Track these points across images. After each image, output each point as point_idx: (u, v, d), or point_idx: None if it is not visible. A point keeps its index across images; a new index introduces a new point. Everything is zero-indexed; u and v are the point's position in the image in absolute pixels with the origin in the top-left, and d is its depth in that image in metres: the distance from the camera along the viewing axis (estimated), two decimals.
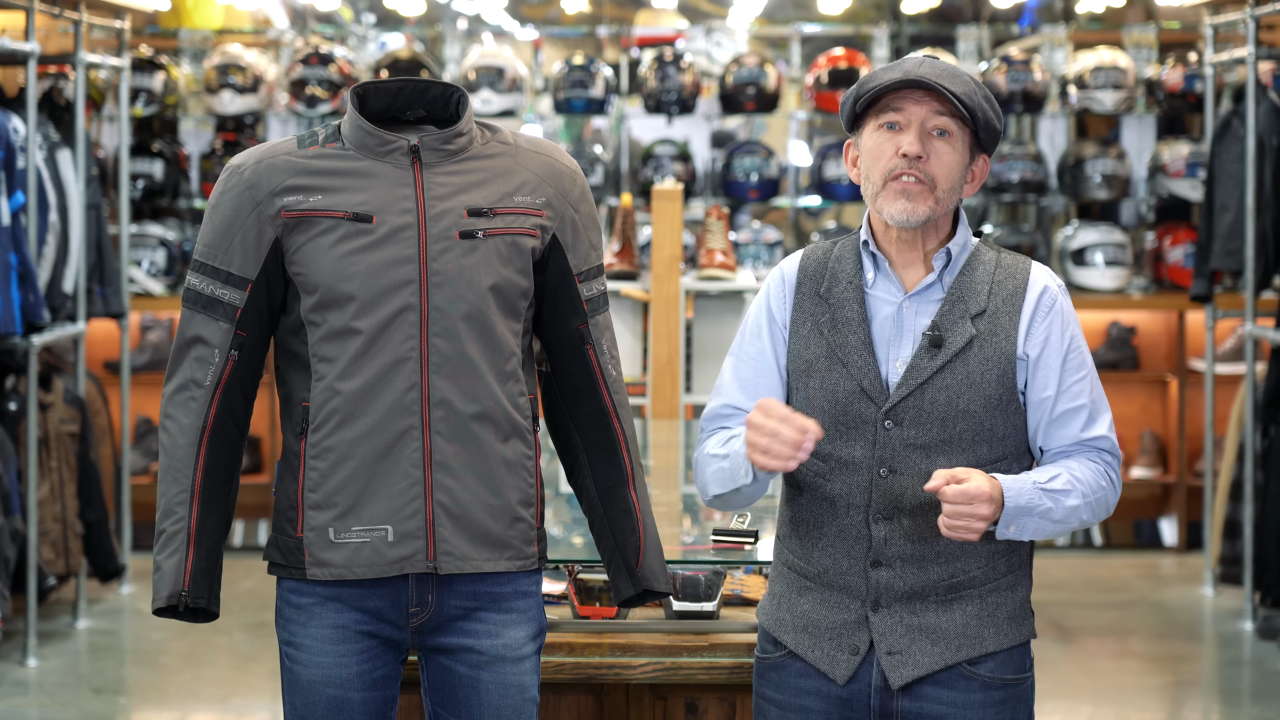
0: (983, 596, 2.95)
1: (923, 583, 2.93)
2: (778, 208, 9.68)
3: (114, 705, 6.31)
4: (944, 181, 2.92)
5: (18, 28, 7.66)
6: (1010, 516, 2.86)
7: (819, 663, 2.96)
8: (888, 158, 2.92)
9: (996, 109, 2.96)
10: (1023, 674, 2.98)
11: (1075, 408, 2.94)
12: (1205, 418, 8.18)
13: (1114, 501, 2.98)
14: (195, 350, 2.98)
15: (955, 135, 2.92)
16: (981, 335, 2.92)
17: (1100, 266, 9.01)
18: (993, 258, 2.98)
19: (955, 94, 2.89)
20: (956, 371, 2.91)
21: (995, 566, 2.95)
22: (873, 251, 2.97)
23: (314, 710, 2.99)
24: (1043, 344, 2.93)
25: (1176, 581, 8.28)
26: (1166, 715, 6.38)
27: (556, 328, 3.08)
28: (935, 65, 2.92)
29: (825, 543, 2.97)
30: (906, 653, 2.93)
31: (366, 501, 2.95)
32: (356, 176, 2.97)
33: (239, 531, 8.96)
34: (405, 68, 9.24)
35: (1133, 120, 9.54)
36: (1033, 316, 2.94)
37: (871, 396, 2.93)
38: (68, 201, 7.17)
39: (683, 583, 3.52)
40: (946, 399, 2.90)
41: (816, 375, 2.96)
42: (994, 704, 2.94)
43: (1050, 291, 2.96)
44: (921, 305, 2.96)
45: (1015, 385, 2.93)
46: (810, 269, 3.03)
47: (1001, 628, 2.95)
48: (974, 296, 2.94)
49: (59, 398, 7.21)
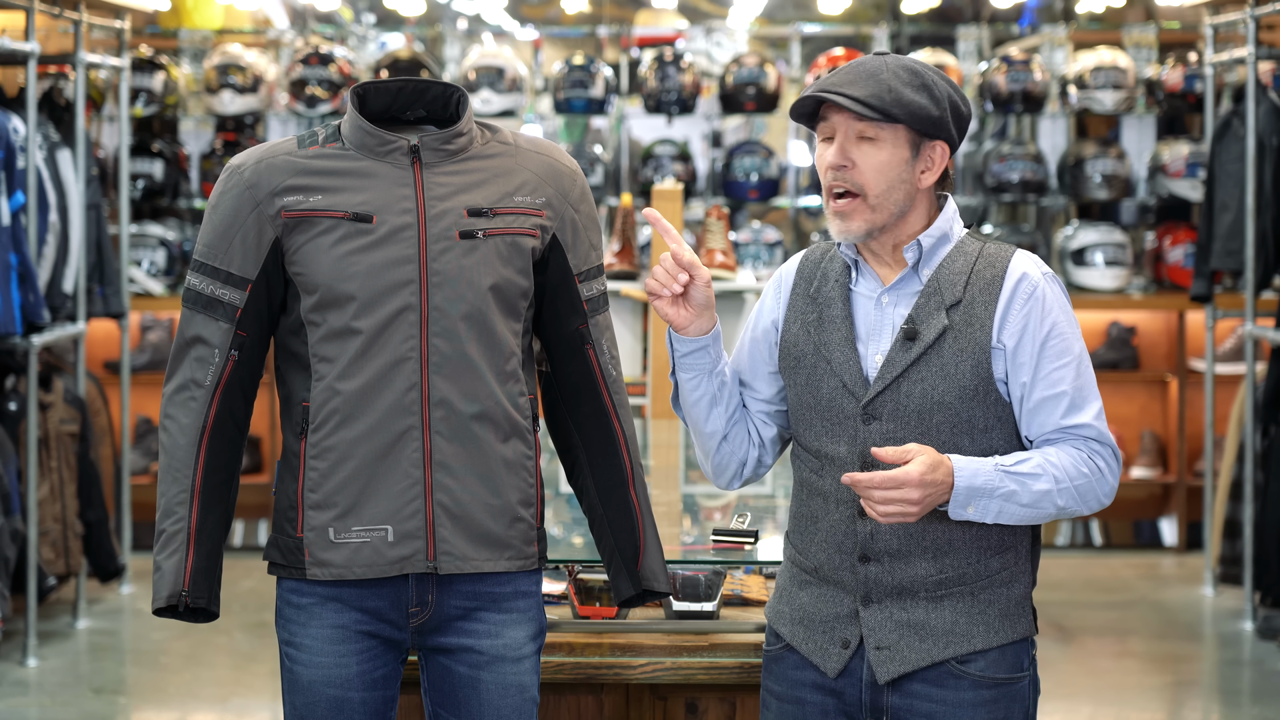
0: (974, 593, 2.93)
1: (911, 578, 2.92)
2: (778, 208, 9.68)
3: (114, 705, 6.31)
4: (875, 185, 2.91)
5: (18, 28, 7.66)
6: (964, 497, 2.83)
7: (811, 655, 2.97)
8: (823, 171, 2.95)
9: (935, 93, 2.91)
10: (1018, 673, 2.96)
11: (1054, 395, 2.90)
12: (1205, 418, 8.17)
13: (1105, 491, 2.92)
14: (195, 350, 2.98)
15: (883, 136, 2.90)
16: (955, 326, 2.91)
17: (1100, 266, 9.01)
18: (976, 248, 2.96)
19: (859, 99, 2.87)
20: (931, 363, 2.90)
21: (987, 563, 2.94)
22: (849, 255, 2.98)
23: (314, 710, 2.99)
24: (1020, 332, 2.90)
25: (1176, 581, 8.28)
26: (1166, 715, 6.38)
27: (556, 328, 3.08)
28: (853, 70, 2.91)
29: (820, 538, 2.98)
30: (894, 648, 2.92)
31: (366, 501, 2.95)
32: (356, 176, 2.97)
33: (239, 531, 8.96)
34: (405, 68, 9.24)
35: (1133, 120, 9.54)
36: (1009, 304, 2.91)
37: (852, 391, 2.93)
38: (68, 201, 7.17)
39: (683, 583, 3.53)
40: (922, 391, 2.90)
41: (804, 372, 2.99)
42: (985, 703, 2.92)
43: (1029, 278, 2.92)
44: (899, 298, 2.96)
45: (991, 375, 2.90)
46: (806, 271, 3.06)
47: (992, 625, 2.94)
48: (950, 287, 2.92)
49: (59, 398, 7.21)
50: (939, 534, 2.91)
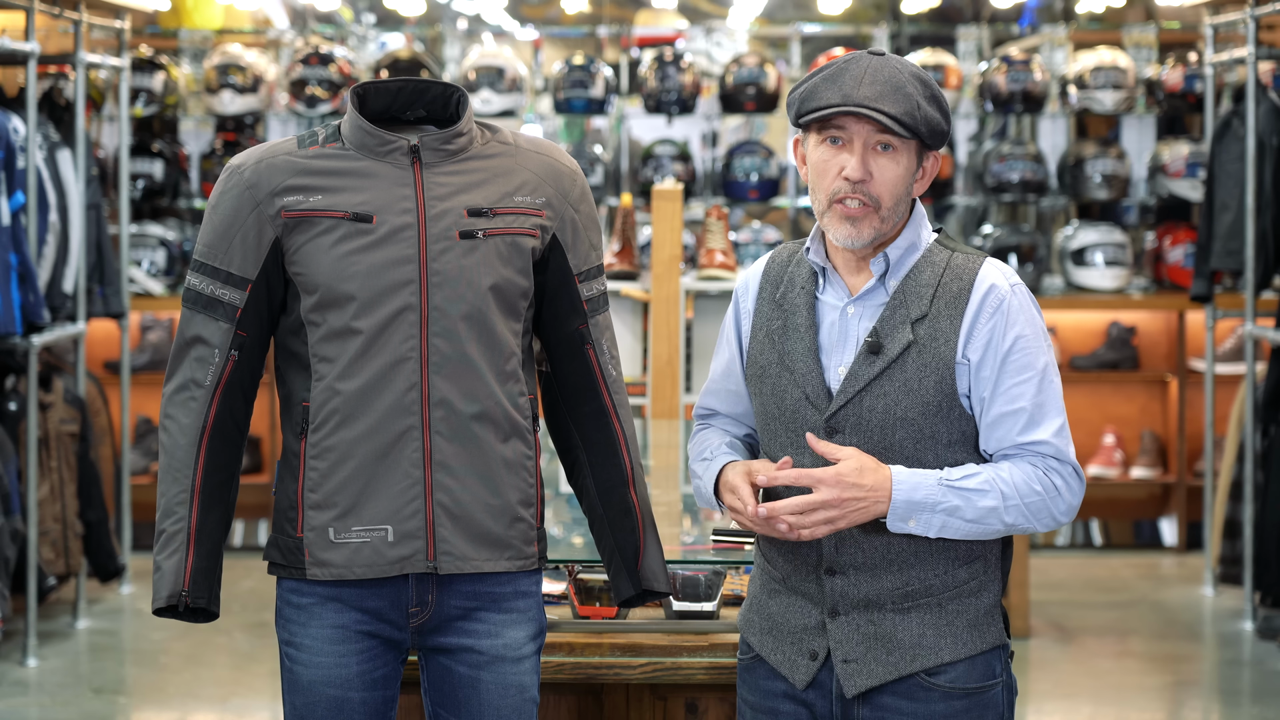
0: (941, 605, 2.89)
1: (877, 590, 2.89)
2: (778, 208, 9.68)
3: (114, 705, 6.31)
4: (889, 199, 2.87)
5: (18, 28, 7.66)
6: (904, 510, 2.80)
7: (780, 666, 2.95)
8: (831, 177, 2.88)
9: (943, 105, 2.89)
10: (989, 681, 2.91)
11: (1011, 411, 2.84)
12: (1205, 418, 8.18)
13: (1061, 509, 2.86)
14: (195, 350, 2.98)
15: (899, 148, 2.87)
16: (920, 341, 2.86)
17: (1100, 266, 9.01)
18: (944, 258, 2.91)
19: (895, 116, 2.83)
20: (894, 378, 2.86)
21: (955, 574, 2.90)
22: (818, 262, 2.94)
23: (314, 710, 2.99)
24: (984, 346, 2.86)
25: (1176, 581, 8.28)
26: (1166, 715, 6.38)
27: (556, 328, 3.08)
28: (876, 80, 2.85)
29: (786, 548, 2.96)
30: (861, 662, 2.89)
31: (366, 501, 2.95)
32: (356, 176, 2.97)
33: (239, 531, 8.96)
34: (405, 68, 9.24)
35: (1133, 120, 9.54)
36: (975, 319, 2.86)
37: (814, 403, 2.90)
38: (68, 201, 7.17)
39: (683, 583, 3.52)
40: (884, 406, 2.86)
41: (769, 381, 2.96)
42: (956, 714, 2.89)
43: (997, 291, 2.87)
44: (865, 309, 2.91)
45: (955, 391, 2.86)
46: (772, 274, 3.02)
47: (960, 637, 2.90)
48: (916, 301, 2.88)
49: (59, 398, 7.21)
50: (905, 546, 2.88)
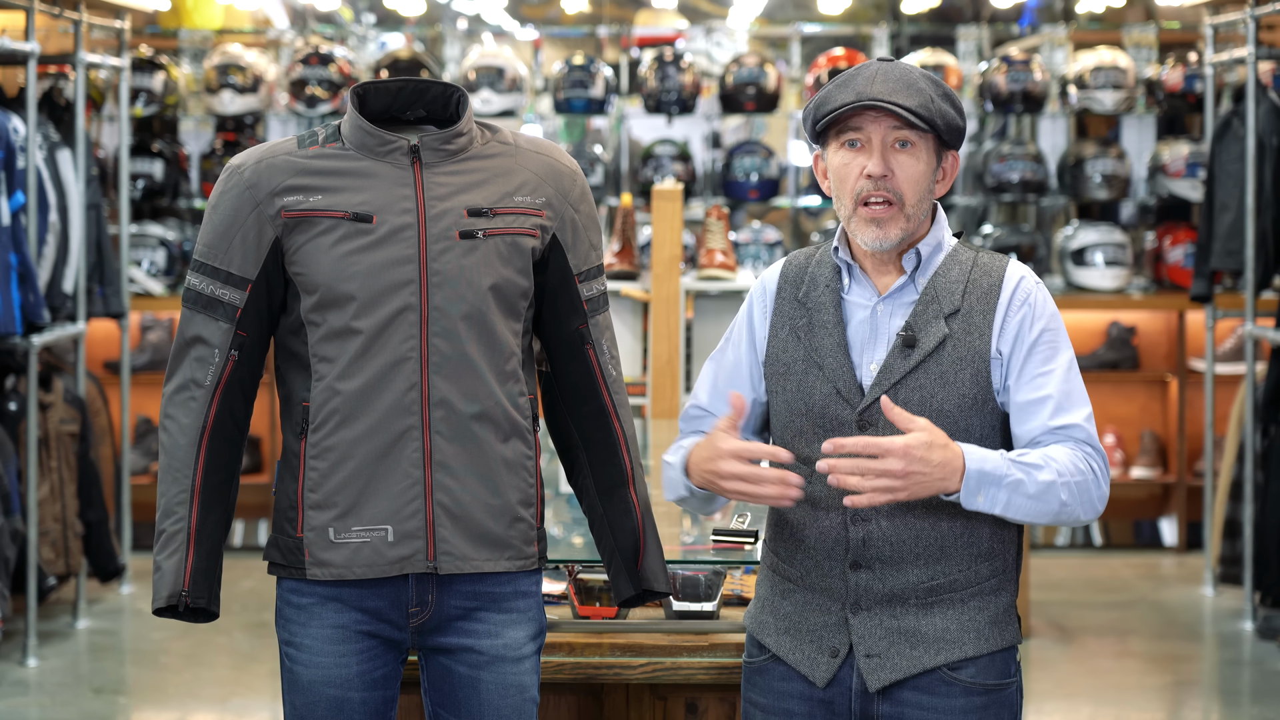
0: (964, 600, 2.92)
1: (902, 585, 2.91)
2: (778, 208, 9.68)
3: (114, 705, 6.31)
4: (912, 195, 2.90)
5: (18, 28, 7.66)
6: (975, 483, 2.80)
7: (799, 665, 2.96)
8: (854, 179, 2.91)
9: (957, 103, 2.94)
10: (1006, 679, 2.95)
11: (1038, 398, 2.89)
12: (1205, 418, 8.18)
13: (1099, 495, 2.89)
14: (195, 350, 2.98)
15: (918, 144, 2.91)
16: (955, 334, 2.91)
17: (1100, 266, 9.01)
18: (970, 257, 2.97)
19: (910, 109, 2.87)
20: (930, 371, 2.90)
21: (977, 570, 2.93)
22: (844, 259, 2.97)
23: (314, 710, 2.99)
24: (1014, 339, 2.91)
25: (1176, 581, 8.28)
26: (1166, 715, 6.38)
27: (556, 328, 3.08)
28: (889, 78, 2.89)
29: (807, 545, 2.96)
30: (885, 656, 2.91)
31: (366, 501, 2.95)
32: (356, 176, 2.97)
33: (239, 531, 8.96)
34: (405, 68, 9.24)
35: (1133, 120, 9.54)
36: (1006, 312, 2.91)
37: (846, 398, 2.92)
38: (68, 201, 7.17)
39: (683, 583, 3.53)
40: (920, 399, 2.88)
41: (794, 378, 2.97)
42: (975, 710, 2.91)
43: (1024, 285, 2.93)
44: (895, 307, 2.95)
45: (990, 384, 2.90)
46: (791, 275, 3.03)
47: (983, 633, 2.92)
48: (948, 296, 2.92)
49: (59, 398, 7.21)
50: (932, 540, 2.90)
